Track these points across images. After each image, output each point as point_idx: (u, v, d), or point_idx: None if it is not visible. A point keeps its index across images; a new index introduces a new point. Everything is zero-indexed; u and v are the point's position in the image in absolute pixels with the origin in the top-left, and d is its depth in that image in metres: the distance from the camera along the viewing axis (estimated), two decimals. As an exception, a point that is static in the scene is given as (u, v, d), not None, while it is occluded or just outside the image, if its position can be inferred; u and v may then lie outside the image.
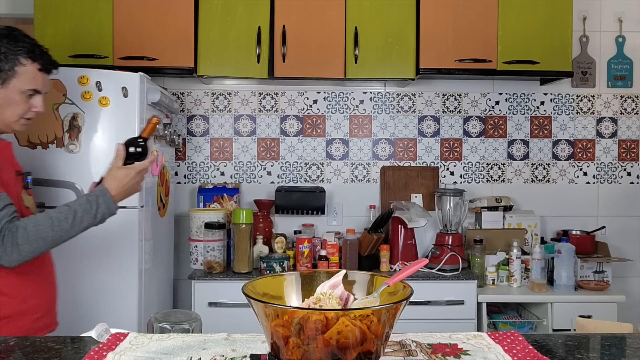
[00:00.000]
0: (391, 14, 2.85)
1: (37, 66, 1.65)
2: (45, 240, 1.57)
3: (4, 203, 1.55)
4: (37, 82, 1.66)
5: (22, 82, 1.63)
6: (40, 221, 1.56)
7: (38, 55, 1.65)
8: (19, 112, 1.65)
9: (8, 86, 1.62)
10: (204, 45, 2.82)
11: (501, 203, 3.12)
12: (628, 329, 1.63)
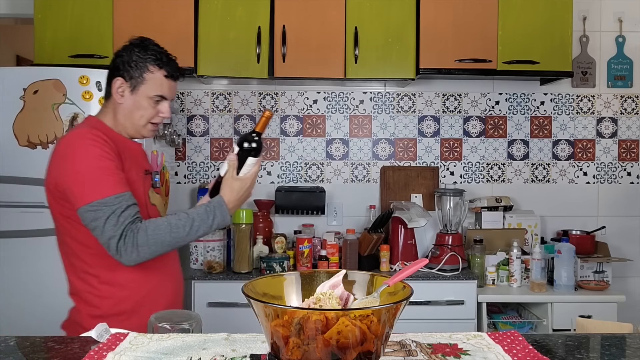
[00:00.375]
0: (391, 14, 2.85)
1: (163, 73, 1.72)
2: (162, 244, 1.60)
3: (128, 203, 1.59)
4: (163, 88, 1.72)
5: (150, 88, 1.71)
6: (160, 226, 1.60)
7: (165, 62, 1.73)
8: (147, 117, 1.73)
9: (137, 92, 1.71)
10: (204, 45, 2.82)
11: (501, 203, 3.12)
12: (628, 329, 1.63)
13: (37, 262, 2.36)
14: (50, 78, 2.37)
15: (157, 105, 1.73)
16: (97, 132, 1.65)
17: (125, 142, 1.75)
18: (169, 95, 1.75)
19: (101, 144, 1.62)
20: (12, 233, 2.36)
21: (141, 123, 1.73)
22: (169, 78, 1.73)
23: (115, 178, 1.60)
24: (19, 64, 4.82)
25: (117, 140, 1.70)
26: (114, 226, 1.55)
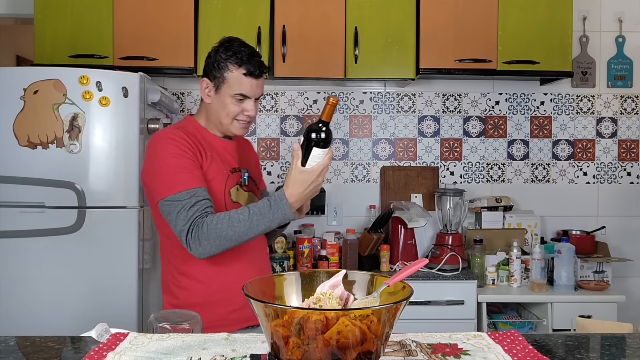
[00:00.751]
0: (391, 14, 2.85)
1: (243, 71, 1.70)
2: (224, 238, 1.59)
3: (198, 198, 1.61)
4: (243, 86, 1.71)
5: (230, 87, 1.71)
6: (221, 220, 1.59)
7: (245, 61, 1.70)
8: (232, 116, 1.73)
9: (220, 92, 1.73)
10: (204, 45, 2.82)
11: (501, 203, 3.12)
12: (628, 329, 1.63)
13: (37, 262, 2.36)
14: (50, 78, 2.37)
15: (241, 104, 1.73)
16: (178, 131, 1.71)
17: (213, 140, 1.78)
18: (251, 93, 1.73)
19: (179, 143, 1.67)
20: (12, 233, 2.36)
21: (227, 122, 1.74)
22: (249, 76, 1.71)
23: (188, 175, 1.64)
24: (19, 64, 4.82)
25: (202, 138, 1.75)
26: (184, 220, 1.59)
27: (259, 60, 1.74)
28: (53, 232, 2.37)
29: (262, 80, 1.76)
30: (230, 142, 1.84)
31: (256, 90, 1.74)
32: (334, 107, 1.48)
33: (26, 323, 2.35)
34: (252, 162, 1.94)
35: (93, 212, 2.38)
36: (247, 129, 1.80)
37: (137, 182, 2.41)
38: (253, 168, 1.92)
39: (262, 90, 1.78)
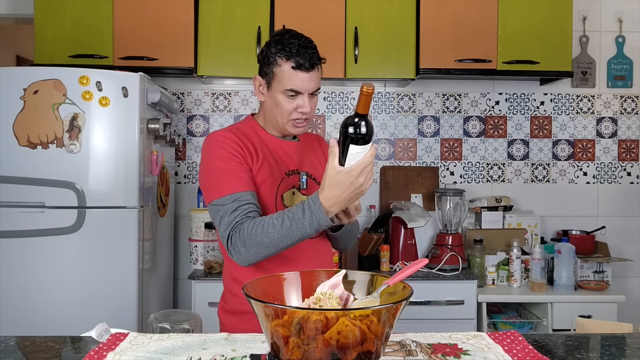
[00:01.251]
0: (391, 14, 2.85)
1: (291, 64, 1.58)
2: (260, 244, 1.47)
3: (241, 202, 1.53)
4: (292, 81, 1.58)
5: (280, 82, 1.60)
6: (256, 225, 1.48)
7: (293, 53, 1.58)
8: (286, 114, 1.61)
9: (272, 89, 1.63)
10: (204, 45, 2.82)
11: (501, 203, 3.12)
12: (628, 329, 1.63)
13: (37, 262, 2.37)
14: (50, 78, 2.37)
15: (294, 100, 1.60)
16: (229, 132, 1.64)
17: (270, 141, 1.69)
18: (303, 87, 1.59)
19: (227, 145, 1.60)
20: (12, 233, 2.37)
21: (282, 120, 1.63)
22: (298, 69, 1.58)
23: (234, 178, 1.56)
24: (19, 64, 4.82)
25: (258, 139, 1.67)
26: (225, 225, 1.52)
27: (310, 52, 1.60)
28: (53, 232, 2.37)
29: (315, 74, 1.61)
30: (291, 143, 1.71)
31: (308, 84, 1.59)
32: (369, 96, 1.27)
33: (26, 323, 2.35)
34: (319, 163, 1.77)
35: (93, 212, 2.38)
36: (304, 128, 1.66)
37: (137, 182, 2.41)
38: (320, 169, 1.72)
39: (317, 84, 1.62)
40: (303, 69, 1.58)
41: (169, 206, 2.95)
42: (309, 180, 1.70)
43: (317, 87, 1.62)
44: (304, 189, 1.69)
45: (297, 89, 1.58)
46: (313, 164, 1.74)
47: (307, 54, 1.59)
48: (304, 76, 1.58)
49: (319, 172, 1.71)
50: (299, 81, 1.58)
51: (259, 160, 1.63)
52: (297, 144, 1.73)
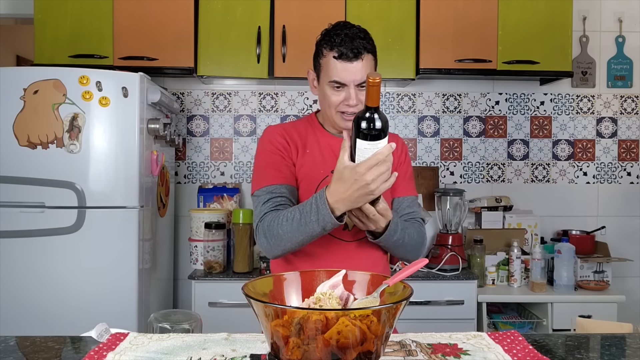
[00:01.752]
0: (391, 14, 2.85)
1: (334, 54, 1.52)
2: (277, 236, 1.46)
3: (273, 195, 1.53)
4: (336, 72, 1.51)
5: (325, 74, 1.55)
6: (276, 217, 1.47)
7: (336, 43, 1.51)
8: (334, 107, 1.55)
9: (320, 81, 1.59)
10: (204, 45, 2.82)
11: (501, 203, 3.12)
12: (628, 329, 1.63)
13: (37, 262, 2.37)
14: (50, 78, 2.37)
15: (340, 92, 1.54)
16: (279, 127, 1.64)
17: (323, 138, 1.64)
18: (347, 79, 1.51)
19: (273, 139, 1.60)
20: (12, 233, 2.37)
21: (331, 113, 1.57)
22: (340, 59, 1.51)
23: (273, 172, 1.56)
24: (19, 64, 4.82)
25: (312, 135, 1.64)
26: (257, 216, 1.54)
27: (357, 41, 1.52)
28: (53, 232, 2.37)
29: (362, 64, 1.52)
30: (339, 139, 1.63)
31: (353, 75, 1.51)
32: (375, 87, 1.21)
33: (26, 323, 2.35)
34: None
35: (93, 212, 2.38)
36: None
37: (137, 182, 2.41)
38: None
39: (365, 76, 1.51)
40: (346, 59, 1.51)
41: (169, 206, 2.95)
42: None
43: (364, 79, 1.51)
44: None
45: (341, 80, 1.52)
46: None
47: (352, 43, 1.51)
48: (347, 66, 1.51)
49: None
50: (342, 72, 1.51)
51: (305, 156, 1.60)
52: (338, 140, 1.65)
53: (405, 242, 1.56)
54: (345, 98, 1.53)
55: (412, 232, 1.59)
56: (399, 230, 1.53)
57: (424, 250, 1.66)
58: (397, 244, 1.55)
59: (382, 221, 1.43)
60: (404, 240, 1.55)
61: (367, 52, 1.54)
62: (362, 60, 1.52)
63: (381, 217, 1.42)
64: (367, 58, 1.54)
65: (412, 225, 1.62)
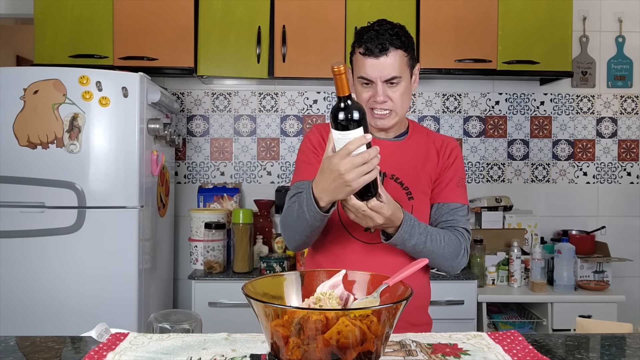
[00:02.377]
0: (391, 14, 2.82)
1: (361, 50, 1.51)
2: (286, 226, 1.51)
3: (299, 189, 1.53)
4: (363, 68, 1.50)
5: (355, 70, 1.55)
6: (286, 209, 1.53)
7: (364, 40, 1.50)
8: (364, 104, 1.52)
9: (353, 78, 1.57)
10: (204, 45, 2.82)
11: (501, 203, 3.12)
12: (628, 329, 1.63)
13: (37, 262, 2.37)
14: (50, 78, 2.37)
15: (369, 89, 1.51)
16: (320, 126, 1.66)
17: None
18: (372, 75, 1.49)
19: (311, 137, 1.63)
20: (12, 233, 2.37)
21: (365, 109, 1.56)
22: (365, 56, 1.49)
23: (306, 167, 1.59)
24: (19, 64, 4.82)
25: None
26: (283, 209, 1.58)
27: (385, 36, 1.49)
28: (53, 232, 2.37)
29: (389, 60, 1.48)
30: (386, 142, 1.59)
31: (378, 72, 1.48)
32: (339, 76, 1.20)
33: (26, 323, 2.35)
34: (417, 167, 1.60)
35: (93, 212, 2.38)
36: (387, 120, 1.54)
37: (137, 182, 2.41)
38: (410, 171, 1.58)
39: (393, 72, 1.49)
40: (371, 55, 1.49)
41: (169, 206, 2.95)
42: (385, 180, 1.56)
43: (393, 75, 1.49)
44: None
45: (367, 77, 1.50)
46: (403, 166, 1.58)
47: (379, 39, 1.49)
48: (373, 62, 1.49)
49: (410, 176, 1.58)
50: (368, 68, 1.49)
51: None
52: (398, 144, 1.61)
53: (428, 249, 1.48)
54: (372, 94, 1.51)
55: (441, 240, 1.50)
56: (416, 234, 1.45)
57: (459, 261, 1.55)
58: (417, 250, 1.48)
59: (378, 218, 1.37)
60: (425, 247, 1.48)
61: (396, 48, 1.50)
62: (388, 56, 1.48)
63: (375, 213, 1.36)
64: (395, 54, 1.49)
65: (446, 232, 1.53)
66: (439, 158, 1.62)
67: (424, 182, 1.59)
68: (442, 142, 1.64)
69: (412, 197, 1.57)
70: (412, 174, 1.58)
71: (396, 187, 1.57)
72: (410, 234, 1.45)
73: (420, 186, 1.58)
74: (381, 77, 1.49)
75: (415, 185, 1.58)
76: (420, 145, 1.63)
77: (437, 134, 1.69)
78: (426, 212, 1.59)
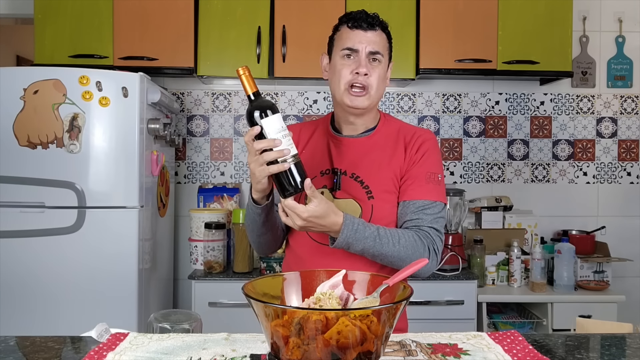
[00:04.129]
0: (391, 14, 2.85)
1: (349, 24, 1.53)
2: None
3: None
4: (350, 39, 1.51)
5: (337, 46, 1.55)
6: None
7: (352, 16, 1.54)
8: (344, 80, 1.52)
9: (332, 57, 1.58)
10: (204, 45, 2.82)
11: (501, 203, 3.12)
12: (628, 329, 1.63)
13: (37, 262, 2.37)
14: (50, 78, 2.37)
15: (351, 62, 1.51)
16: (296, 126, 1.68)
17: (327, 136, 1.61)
18: (359, 45, 1.50)
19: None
20: (12, 233, 2.37)
21: (341, 91, 1.52)
22: (354, 28, 1.52)
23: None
24: (19, 64, 4.82)
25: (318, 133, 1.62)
26: None
27: (371, 17, 1.54)
28: (53, 232, 2.37)
29: (376, 36, 1.52)
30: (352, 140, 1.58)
31: (365, 43, 1.50)
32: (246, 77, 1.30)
33: (26, 323, 2.35)
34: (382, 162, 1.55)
35: (93, 212, 2.38)
36: (363, 99, 1.51)
37: (137, 182, 2.41)
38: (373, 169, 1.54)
39: (377, 47, 1.51)
40: (360, 28, 1.52)
41: (169, 206, 2.95)
42: (344, 179, 1.54)
43: (377, 50, 1.51)
44: (337, 189, 1.53)
45: (352, 46, 1.51)
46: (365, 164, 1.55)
47: (369, 17, 1.53)
48: (360, 34, 1.51)
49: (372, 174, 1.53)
50: (355, 38, 1.51)
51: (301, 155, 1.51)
52: (362, 140, 1.58)
53: (380, 252, 1.41)
54: (354, 67, 1.50)
55: (395, 242, 1.42)
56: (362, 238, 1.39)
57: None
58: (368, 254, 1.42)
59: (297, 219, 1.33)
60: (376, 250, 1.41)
61: (382, 30, 1.54)
62: (375, 33, 1.52)
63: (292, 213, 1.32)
64: (381, 34, 1.53)
65: (404, 233, 1.44)
66: (405, 153, 1.55)
67: (388, 180, 1.53)
68: (412, 136, 1.57)
69: (372, 196, 1.51)
70: (375, 172, 1.53)
71: (356, 186, 1.53)
72: (354, 238, 1.38)
73: (383, 185, 1.52)
74: (366, 48, 1.50)
75: (377, 184, 1.52)
76: (389, 140, 1.58)
77: (409, 127, 1.62)
78: (390, 211, 1.52)
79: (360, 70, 1.49)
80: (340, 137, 1.59)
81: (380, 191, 1.52)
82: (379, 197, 1.52)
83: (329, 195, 1.54)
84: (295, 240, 1.60)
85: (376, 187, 1.52)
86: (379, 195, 1.52)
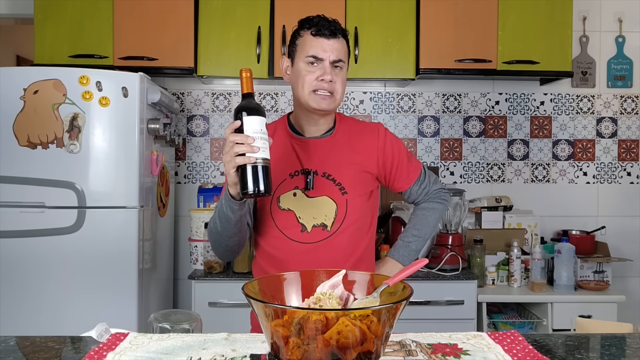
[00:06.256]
0: (391, 14, 2.85)
1: (311, 32, 1.58)
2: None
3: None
4: (314, 47, 1.56)
5: (301, 52, 1.59)
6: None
7: (314, 23, 1.58)
8: (308, 84, 1.57)
9: (295, 62, 1.61)
10: (204, 45, 2.82)
11: (501, 203, 3.12)
12: (628, 329, 1.63)
13: (37, 262, 2.37)
14: (50, 78, 2.37)
15: (315, 69, 1.57)
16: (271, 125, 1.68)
17: (289, 139, 1.64)
18: (323, 53, 1.56)
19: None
20: (12, 233, 2.37)
21: (304, 94, 1.57)
22: (317, 36, 1.57)
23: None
24: (19, 64, 4.82)
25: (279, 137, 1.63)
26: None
27: (333, 23, 1.59)
28: (53, 232, 2.37)
29: (338, 43, 1.59)
30: (316, 141, 1.64)
31: (329, 52, 1.57)
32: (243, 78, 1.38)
33: (26, 323, 2.35)
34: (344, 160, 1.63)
35: (93, 212, 2.38)
36: (328, 102, 1.58)
37: (137, 182, 2.41)
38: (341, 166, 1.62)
39: (339, 55, 1.59)
40: (323, 36, 1.57)
41: (169, 206, 2.95)
42: (316, 179, 1.59)
43: (340, 59, 1.59)
44: (310, 189, 1.59)
45: (317, 55, 1.56)
46: (334, 162, 1.62)
47: (329, 24, 1.59)
48: (324, 42, 1.57)
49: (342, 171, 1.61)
50: (319, 46, 1.57)
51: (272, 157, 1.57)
52: (325, 140, 1.64)
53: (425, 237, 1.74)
54: (319, 75, 1.56)
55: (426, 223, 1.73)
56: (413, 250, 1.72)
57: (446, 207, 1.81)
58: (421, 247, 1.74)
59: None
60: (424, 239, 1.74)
61: (343, 37, 1.61)
62: (337, 40, 1.59)
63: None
64: (342, 41, 1.61)
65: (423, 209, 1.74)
66: (371, 150, 1.65)
67: (358, 175, 1.63)
68: (370, 132, 1.68)
69: (345, 192, 1.61)
70: (344, 169, 1.62)
71: (329, 184, 1.60)
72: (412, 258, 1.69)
73: (353, 180, 1.62)
74: (330, 57, 1.57)
75: (348, 180, 1.61)
76: (351, 136, 1.66)
77: (363, 123, 1.74)
78: (363, 204, 1.63)
79: (325, 78, 1.57)
80: (305, 139, 1.64)
81: (352, 187, 1.61)
82: (351, 192, 1.61)
83: (302, 196, 1.60)
84: (266, 241, 1.62)
85: (348, 183, 1.61)
86: (352, 191, 1.61)
